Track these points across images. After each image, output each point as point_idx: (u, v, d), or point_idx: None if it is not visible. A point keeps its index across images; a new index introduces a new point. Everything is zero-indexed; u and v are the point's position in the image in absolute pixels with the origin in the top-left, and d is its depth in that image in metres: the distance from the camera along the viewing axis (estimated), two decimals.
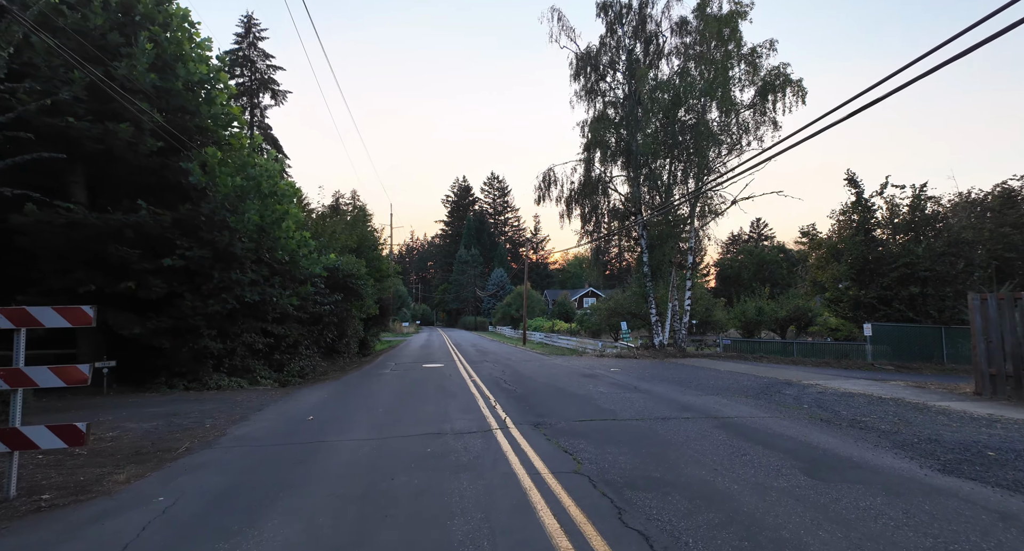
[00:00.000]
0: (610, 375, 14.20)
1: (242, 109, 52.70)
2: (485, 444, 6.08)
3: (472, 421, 7.54)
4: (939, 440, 6.45)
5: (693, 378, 13.43)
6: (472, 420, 7.62)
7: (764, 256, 71.62)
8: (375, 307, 25.66)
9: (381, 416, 8.08)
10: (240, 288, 11.96)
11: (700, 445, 6.09)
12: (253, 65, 52.57)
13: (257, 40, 52.43)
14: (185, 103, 11.11)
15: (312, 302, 15.57)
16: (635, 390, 10.95)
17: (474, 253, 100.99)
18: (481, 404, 9.11)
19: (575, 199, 23.33)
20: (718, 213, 22.14)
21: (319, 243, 15.71)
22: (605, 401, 9.42)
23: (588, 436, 6.55)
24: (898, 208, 24.22)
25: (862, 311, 24.60)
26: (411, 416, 8.05)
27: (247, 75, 52.26)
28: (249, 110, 52.00)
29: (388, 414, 8.25)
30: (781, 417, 8.00)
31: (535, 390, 11.06)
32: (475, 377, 13.69)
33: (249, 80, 52.25)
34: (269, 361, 14.69)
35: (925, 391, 11.18)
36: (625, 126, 22.70)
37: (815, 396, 10.26)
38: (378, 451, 5.80)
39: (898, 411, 8.64)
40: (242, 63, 51.91)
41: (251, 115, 52.16)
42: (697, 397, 10.02)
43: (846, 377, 14.29)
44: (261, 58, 52.80)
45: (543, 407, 8.84)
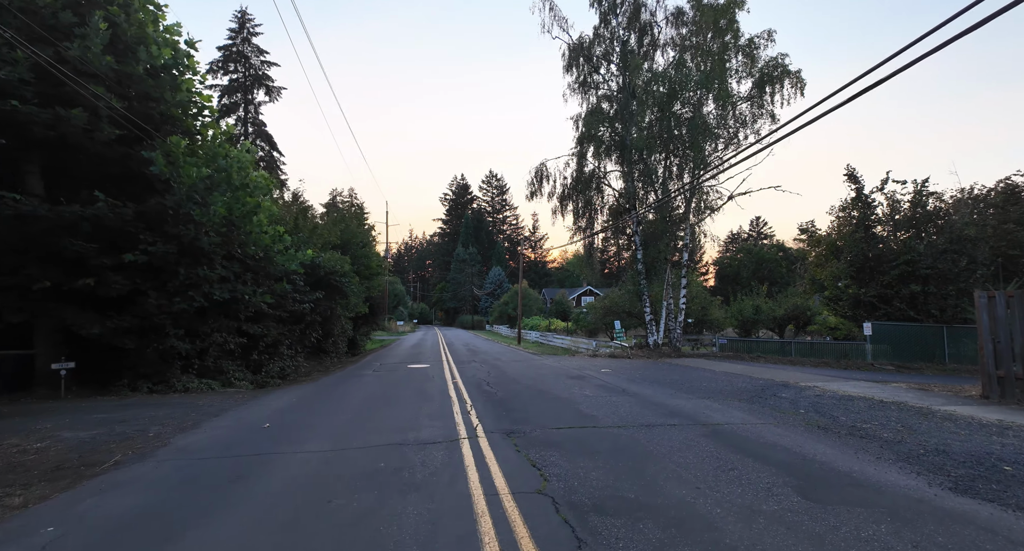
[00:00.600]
0: (599, 376, 13.62)
1: (235, 104, 52.12)
2: (447, 457, 5.50)
3: (441, 429, 6.96)
4: (948, 451, 5.88)
5: (685, 380, 12.86)
6: (441, 428, 7.04)
7: (763, 255, 71.19)
8: (364, 306, 25.08)
9: (345, 423, 7.50)
10: (208, 285, 11.37)
11: (684, 457, 5.51)
12: (247, 61, 51.98)
13: (251, 35, 51.82)
14: (148, 89, 10.50)
15: (291, 300, 14.97)
16: (622, 393, 10.37)
17: (472, 251, 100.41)
18: (456, 409, 8.53)
19: (568, 195, 22.73)
20: (714, 209, 21.55)
21: (297, 238, 15.11)
22: (588, 406, 8.84)
23: (562, 446, 5.97)
24: (899, 204, 23.63)
25: (862, 310, 24.04)
26: (377, 423, 7.47)
27: (241, 71, 51.67)
28: (243, 106, 51.40)
29: (354, 421, 7.67)
30: (775, 424, 7.42)
31: (517, 393, 10.48)
32: (458, 379, 13.11)
33: (243, 76, 51.63)
34: (247, 362, 14.12)
35: (928, 394, 10.61)
36: (619, 120, 22.09)
37: (812, 400, 9.69)
38: (326, 466, 5.22)
39: (901, 417, 8.07)
40: (236, 58, 51.33)
41: (245, 111, 51.54)
42: (687, 401, 9.44)
43: (845, 378, 13.72)
44: (255, 54, 52.20)
45: (521, 412, 8.26)
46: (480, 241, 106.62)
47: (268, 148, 52.84)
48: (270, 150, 52.97)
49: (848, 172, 25.01)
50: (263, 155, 52.51)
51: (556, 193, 22.83)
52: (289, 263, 13.02)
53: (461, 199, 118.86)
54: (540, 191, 23.01)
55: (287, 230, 14.83)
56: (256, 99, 52.83)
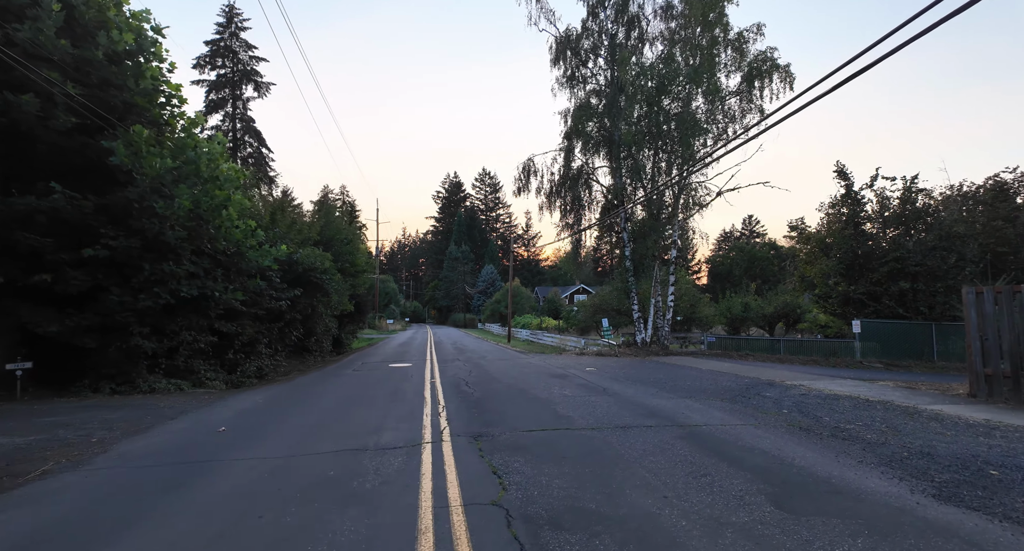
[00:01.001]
0: (582, 375, 13.32)
1: (223, 100, 51.32)
2: (404, 464, 5.15)
3: (406, 432, 6.61)
4: (933, 454, 5.61)
5: (670, 378, 12.58)
6: (406, 431, 6.69)
7: (755, 253, 71.39)
8: (349, 303, 24.65)
9: (308, 426, 7.13)
10: (175, 281, 10.94)
11: (656, 462, 5.20)
12: (235, 56, 51.20)
13: (239, 30, 51.03)
14: (109, 76, 10.03)
15: (268, 297, 14.55)
16: (602, 393, 10.06)
17: (464, 249, 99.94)
18: (427, 411, 8.18)
19: (555, 191, 22.39)
20: (703, 205, 21.27)
21: (273, 234, 14.67)
22: (566, 406, 8.52)
23: (530, 451, 5.64)
24: (888, 201, 23.52)
25: (851, 307, 23.93)
26: (341, 426, 7.11)
27: (229, 66, 50.90)
28: (231, 102, 50.62)
29: (318, 424, 7.30)
30: (756, 425, 7.13)
31: (495, 393, 10.15)
32: (437, 378, 12.76)
33: (231, 71, 50.86)
34: (221, 361, 13.71)
35: (915, 393, 10.38)
36: (608, 115, 21.77)
37: (797, 399, 9.43)
38: (271, 475, 4.86)
39: (886, 417, 7.81)
40: (223, 53, 50.54)
41: (233, 107, 50.77)
42: (668, 400, 9.14)
43: (832, 376, 13.50)
44: (243, 49, 51.41)
45: (494, 414, 7.92)
46: (473, 239, 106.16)
47: (257, 144, 52.11)
48: (259, 146, 52.23)
49: (838, 169, 24.87)
50: (251, 151, 51.77)
51: (544, 189, 22.51)
52: (262, 259, 12.59)
53: (454, 197, 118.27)
54: (527, 187, 22.69)
55: (263, 225, 14.38)
56: (244, 95, 52.00)
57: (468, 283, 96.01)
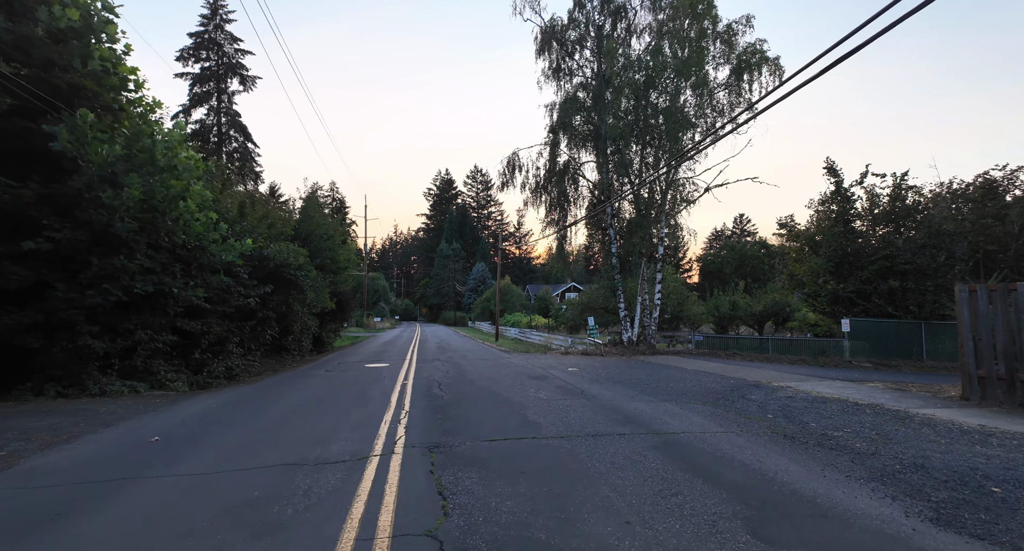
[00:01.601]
0: (563, 376, 12.80)
1: (207, 94, 50.22)
2: (341, 482, 4.58)
3: (356, 443, 6.03)
4: (927, 466, 5.13)
5: (653, 379, 12.09)
6: (357, 441, 6.11)
7: (746, 252, 71.45)
8: (329, 301, 23.96)
9: (253, 434, 6.54)
10: (128, 277, 10.25)
11: (623, 478, 4.67)
12: (220, 49, 50.20)
13: (224, 22, 50.03)
14: (52, 56, 9.33)
15: (236, 294, 13.87)
16: (580, 396, 9.53)
17: (456, 247, 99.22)
18: (388, 416, 7.60)
19: (541, 186, 21.83)
20: (691, 201, 20.82)
21: (240, 227, 13.98)
22: (538, 411, 7.97)
23: (487, 465, 5.09)
24: (878, 198, 23.21)
25: (840, 306, 23.63)
26: (290, 434, 6.52)
27: (214, 59, 49.91)
28: (216, 95, 49.58)
29: (265, 431, 6.71)
30: (738, 432, 6.63)
31: (466, 396, 9.59)
32: (410, 380, 12.18)
33: (216, 64, 49.86)
34: (187, 361, 13.06)
35: (906, 395, 9.96)
36: (594, 109, 21.24)
37: (783, 402, 8.96)
38: (185, 496, 4.27)
39: (876, 422, 7.35)
40: (208, 46, 49.54)
41: (218, 101, 49.78)
42: (647, 404, 8.63)
43: (821, 377, 13.08)
44: (228, 41, 50.41)
45: (459, 420, 7.37)
46: (464, 236, 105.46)
47: (242, 139, 51.22)
48: (244, 141, 51.33)
49: (828, 165, 24.54)
50: (237, 146, 50.81)
51: (529, 184, 21.94)
52: (226, 254, 11.92)
53: (445, 194, 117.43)
54: (512, 182, 22.10)
55: (228, 218, 13.68)
56: (230, 88, 51.07)
57: (459, 281, 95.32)
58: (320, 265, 23.62)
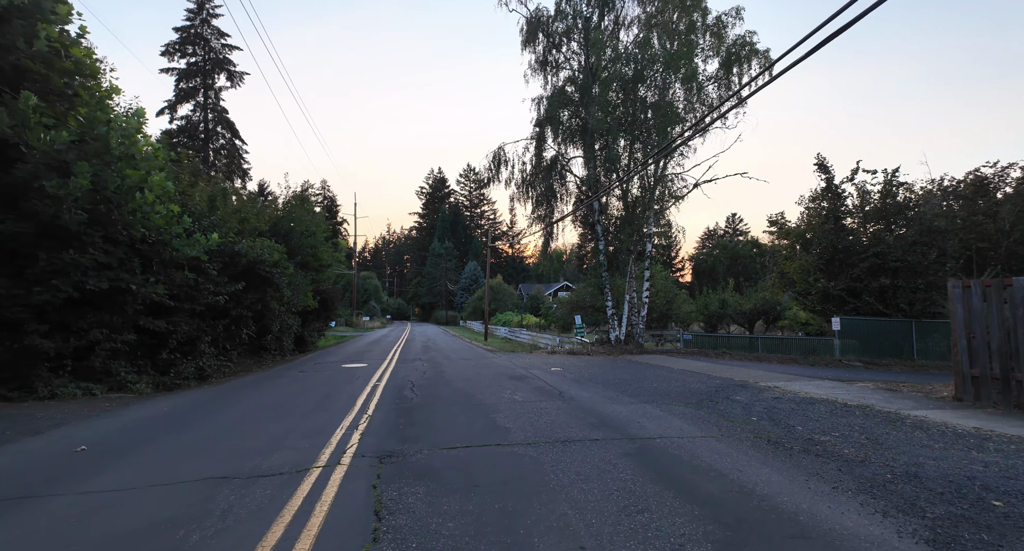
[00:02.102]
0: (544, 377, 12.32)
1: (194, 89, 49.33)
2: (269, 499, 4.07)
3: (302, 452, 5.52)
4: (921, 475, 4.69)
5: (636, 379, 11.64)
6: (304, 450, 5.59)
7: (738, 251, 71.43)
8: (312, 300, 23.37)
9: (191, 443, 6.00)
10: (80, 273, 9.66)
11: (587, 491, 4.19)
12: (207, 43, 49.33)
13: (211, 17, 49.16)
14: None
15: (205, 292, 13.28)
16: (557, 397, 9.06)
17: (448, 246, 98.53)
18: (347, 421, 7.08)
19: (528, 181, 21.32)
20: (679, 197, 20.41)
21: (209, 222, 13.37)
22: (509, 414, 7.49)
23: (439, 477, 4.60)
24: (869, 195, 22.93)
25: (831, 304, 23.34)
26: (233, 442, 5.99)
27: (200, 54, 49.02)
28: (203, 91, 48.72)
29: (205, 440, 6.17)
30: (719, 437, 6.18)
31: (438, 399, 9.08)
32: (384, 381, 11.67)
33: (202, 59, 48.97)
34: (153, 361, 12.48)
35: (897, 396, 9.56)
36: (582, 103, 20.77)
37: (769, 404, 8.53)
38: (87, 517, 3.75)
39: (866, 425, 6.93)
40: (194, 41, 48.65)
41: (204, 97, 48.91)
42: (626, 406, 8.17)
43: (810, 377, 12.70)
44: (215, 36, 49.55)
45: (423, 425, 6.86)
46: (457, 235, 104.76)
47: (230, 135, 50.39)
48: (232, 138, 50.51)
49: (818, 161, 24.23)
50: (224, 143, 49.96)
51: (515, 179, 21.43)
52: (190, 249, 11.33)
53: (438, 193, 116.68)
54: (498, 177, 21.58)
55: (197, 212, 13.06)
56: (216, 84, 50.20)
57: (451, 280, 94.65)
58: (302, 263, 23.01)
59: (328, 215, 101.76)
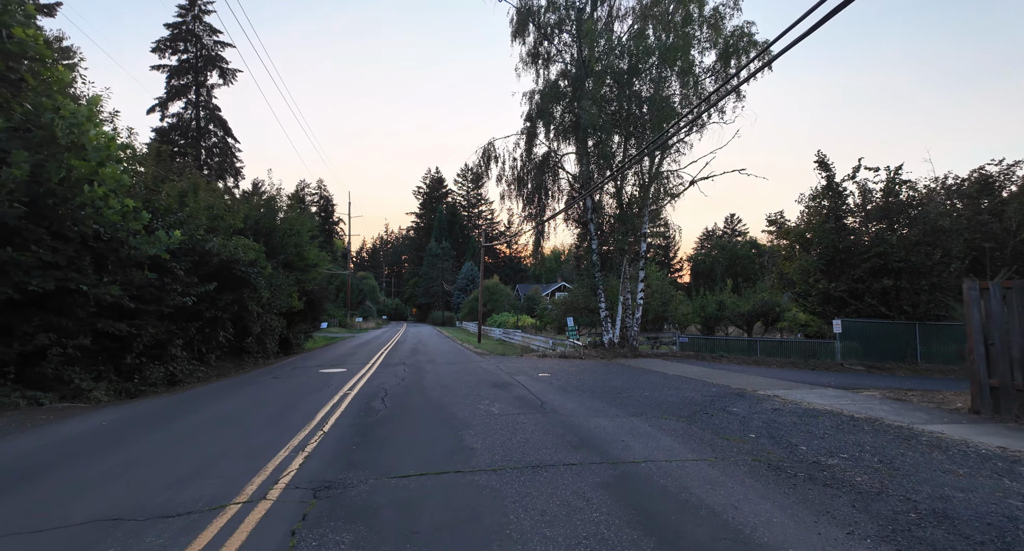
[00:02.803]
0: (529, 384, 11.56)
1: (185, 87, 48.50)
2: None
3: (229, 480, 4.75)
4: (951, 514, 3.94)
5: (627, 387, 10.88)
6: (231, 478, 4.83)
7: (737, 251, 70.76)
8: (297, 300, 22.60)
9: (108, 468, 5.24)
10: (21, 272, 8.89)
11: (549, 540, 3.43)
12: (198, 40, 48.58)
13: (203, 13, 48.36)
14: None
15: (173, 292, 12.50)
16: (538, 409, 8.29)
17: (445, 246, 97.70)
18: (296, 440, 6.32)
19: (519, 178, 20.55)
20: (675, 195, 19.67)
21: (175, 218, 12.57)
22: (480, 431, 6.73)
23: (374, 519, 3.83)
24: (871, 193, 22.24)
25: (832, 305, 22.63)
26: (150, 470, 5.22)
27: (192, 51, 48.28)
28: (195, 88, 47.95)
29: (129, 463, 5.41)
30: (712, 460, 5.42)
31: (407, 411, 8.32)
32: (357, 389, 10.91)
33: (194, 56, 48.21)
34: (117, 366, 11.75)
35: (907, 407, 8.82)
36: (575, 98, 20.03)
37: (769, 417, 7.77)
38: None
39: (878, 444, 6.18)
40: (186, 38, 47.88)
41: (196, 94, 48.15)
42: (612, 419, 7.41)
43: (811, 384, 11.96)
44: (207, 33, 48.80)
45: (379, 446, 6.10)
46: (454, 235, 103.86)
47: (222, 134, 49.64)
48: (224, 136, 49.76)
49: (819, 159, 23.53)
50: (216, 141, 49.20)
51: (505, 176, 20.65)
52: (149, 247, 10.55)
53: (436, 193, 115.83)
54: (488, 174, 20.81)
55: (162, 208, 12.27)
56: (208, 81, 49.46)
57: (447, 280, 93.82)
58: (286, 262, 22.25)
59: (324, 215, 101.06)
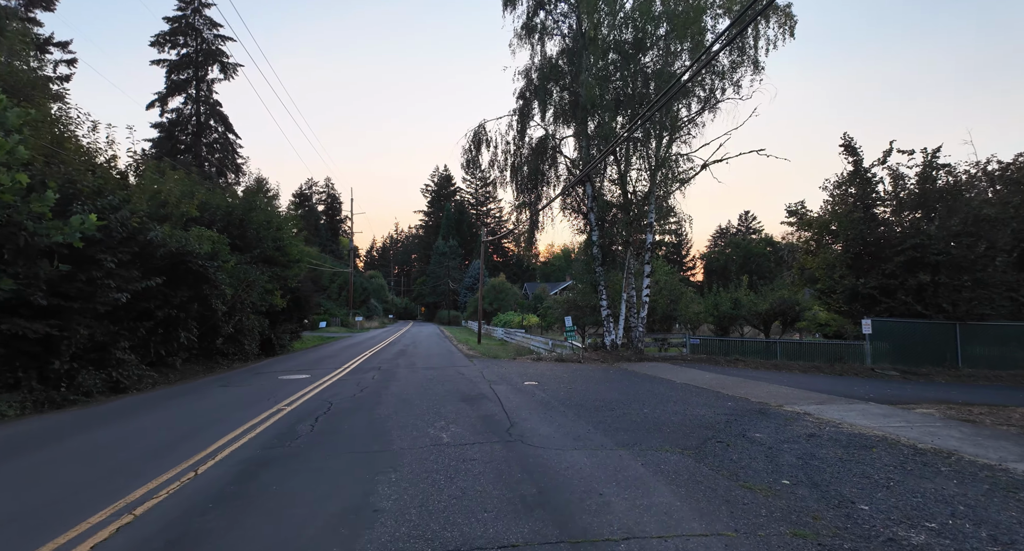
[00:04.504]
0: (507, 396, 9.74)
1: (185, 82, 47.49)
2: None
3: None
4: None
5: (625, 400, 9.03)
6: None
7: (751, 248, 68.29)
8: (279, 298, 21.05)
9: None
10: None
11: None
12: (199, 34, 47.64)
13: (203, 7, 47.32)
14: None
15: (104, 287, 10.91)
16: (503, 435, 6.45)
17: (452, 244, 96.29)
18: (136, 494, 4.61)
19: (511, 163, 18.72)
20: (685, 180, 17.71)
21: (106, 202, 10.92)
22: (406, 475, 4.93)
23: None
24: (904, 180, 20.03)
25: (859, 304, 20.49)
26: None
27: (192, 45, 47.33)
28: (195, 83, 46.97)
29: None
30: (731, 536, 3.57)
31: (330, 439, 6.55)
32: (299, 403, 9.22)
33: (194, 50, 47.23)
34: (42, 373, 10.25)
35: (982, 432, 6.84)
36: (574, 78, 18.19)
37: (804, 446, 5.88)
38: None
39: (970, 498, 4.28)
40: (186, 31, 46.93)
41: (196, 89, 47.17)
42: (594, 454, 5.56)
43: (847, 397, 9.99)
44: (207, 27, 47.80)
45: (244, 507, 4.36)
46: (462, 234, 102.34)
47: (223, 129, 48.68)
48: (225, 132, 48.80)
49: (845, 142, 21.39)
50: (217, 137, 48.20)
51: (498, 162, 18.80)
52: (56, 233, 8.96)
53: (444, 190, 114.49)
54: (478, 160, 18.98)
55: (87, 190, 10.65)
56: (209, 76, 48.52)
57: (454, 279, 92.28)
58: (264, 257, 20.72)
59: (330, 213, 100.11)
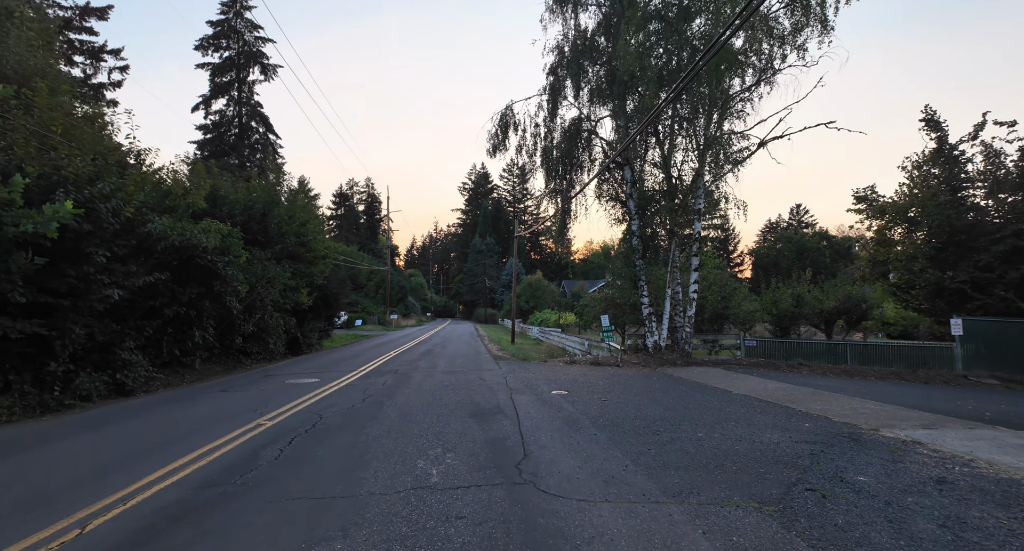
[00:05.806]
0: (529, 410, 8.22)
1: (228, 84, 48.39)
2: None
3: None
4: None
5: (671, 417, 7.33)
6: None
7: (805, 243, 64.08)
8: (306, 296, 20.39)
9: None
10: None
11: None
12: (240, 37, 48.53)
13: (244, 9, 48.18)
14: None
15: (97, 283, 10.16)
16: (508, 473, 4.94)
17: (489, 242, 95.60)
18: None
19: (542, 147, 17.06)
20: (739, 161, 15.59)
21: (96, 191, 10.08)
22: (356, 549, 3.54)
23: None
24: (1002, 157, 17.19)
25: (944, 300, 17.80)
26: None
27: (234, 48, 48.28)
28: (236, 85, 47.85)
29: None
30: None
31: (286, 476, 5.25)
32: (286, 415, 8.06)
33: (236, 53, 48.16)
34: (37, 375, 9.64)
35: None
36: (612, 53, 16.43)
37: (937, 502, 4.08)
38: None
39: None
40: (228, 34, 47.96)
41: (238, 91, 48.03)
42: (630, 509, 3.96)
43: (956, 415, 7.90)
44: (249, 29, 48.63)
45: None
46: (499, 231, 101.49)
47: (264, 130, 49.42)
48: (265, 132, 49.52)
49: (926, 116, 18.69)
50: (258, 138, 48.96)
51: (526, 146, 17.20)
52: (27, 223, 8.13)
53: (481, 188, 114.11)
54: (505, 144, 17.45)
55: (73, 176, 9.83)
56: (250, 78, 49.38)
57: (490, 276, 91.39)
58: (289, 253, 20.06)
59: (370, 212, 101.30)
